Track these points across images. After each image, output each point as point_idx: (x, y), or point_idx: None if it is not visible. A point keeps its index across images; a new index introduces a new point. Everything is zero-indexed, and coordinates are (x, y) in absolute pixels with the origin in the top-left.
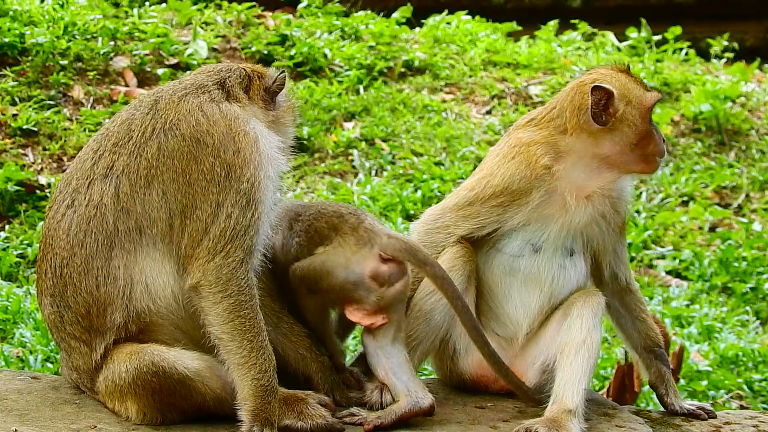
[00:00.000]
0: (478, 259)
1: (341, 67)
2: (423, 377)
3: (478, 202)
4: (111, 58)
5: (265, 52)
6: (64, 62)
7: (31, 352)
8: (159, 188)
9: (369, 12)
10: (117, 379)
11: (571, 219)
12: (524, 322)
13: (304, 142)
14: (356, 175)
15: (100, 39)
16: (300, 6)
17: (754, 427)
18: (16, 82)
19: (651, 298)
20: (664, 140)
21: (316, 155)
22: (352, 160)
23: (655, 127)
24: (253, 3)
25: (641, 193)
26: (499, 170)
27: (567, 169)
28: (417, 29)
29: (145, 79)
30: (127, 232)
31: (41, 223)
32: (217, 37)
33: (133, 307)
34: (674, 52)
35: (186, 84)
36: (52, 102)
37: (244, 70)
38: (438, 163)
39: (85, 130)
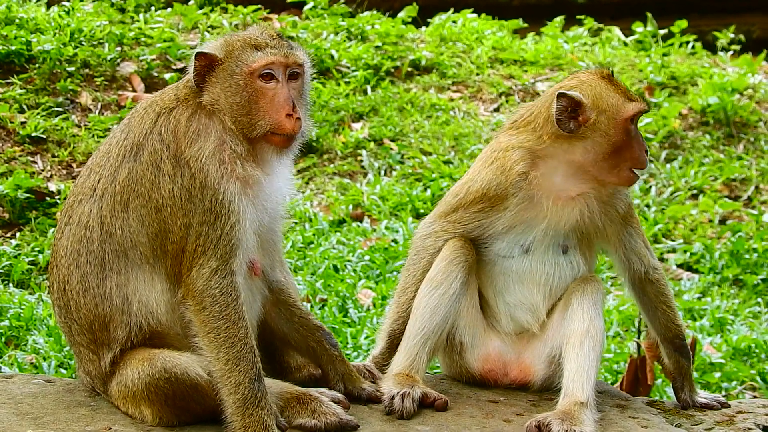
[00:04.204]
0: (476, 258)
1: (348, 67)
2: (435, 374)
3: (461, 208)
4: (118, 64)
5: None
6: (71, 69)
7: (44, 359)
8: (135, 213)
9: (375, 12)
10: (130, 384)
11: (556, 221)
12: (525, 318)
13: (313, 143)
14: (365, 175)
15: (106, 45)
16: (306, 8)
17: (767, 415)
18: (23, 90)
19: None
20: (647, 151)
21: (325, 156)
22: (361, 161)
23: (637, 138)
24: (259, 6)
25: (651, 187)
26: (479, 176)
27: (544, 176)
28: (423, 28)
29: (152, 84)
30: (114, 254)
31: (52, 230)
32: None
33: (134, 323)
34: (681, 45)
35: (148, 100)
36: (60, 109)
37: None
38: (447, 162)
39: (93, 136)
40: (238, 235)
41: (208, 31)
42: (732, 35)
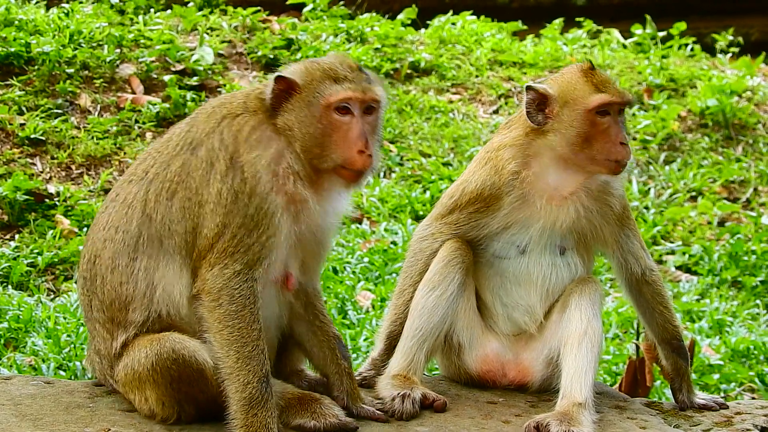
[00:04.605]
0: (474, 260)
1: None
2: (434, 376)
3: (457, 210)
4: (117, 66)
5: (271, 56)
6: (71, 71)
7: (43, 360)
8: (179, 204)
9: (374, 14)
10: (136, 365)
11: (552, 221)
12: (522, 319)
13: None
14: None
15: (106, 47)
16: (305, 9)
17: (765, 416)
18: (22, 92)
19: None
20: (623, 143)
21: None
22: None
23: (609, 130)
24: (259, 8)
25: (650, 189)
26: (473, 177)
27: (536, 174)
28: (422, 30)
29: (151, 86)
30: (149, 238)
31: (51, 231)
32: (222, 42)
33: (154, 310)
34: (680, 47)
35: (219, 99)
36: (59, 111)
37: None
38: (446, 164)
39: (92, 138)
40: (270, 248)
41: (208, 33)
42: (731, 37)
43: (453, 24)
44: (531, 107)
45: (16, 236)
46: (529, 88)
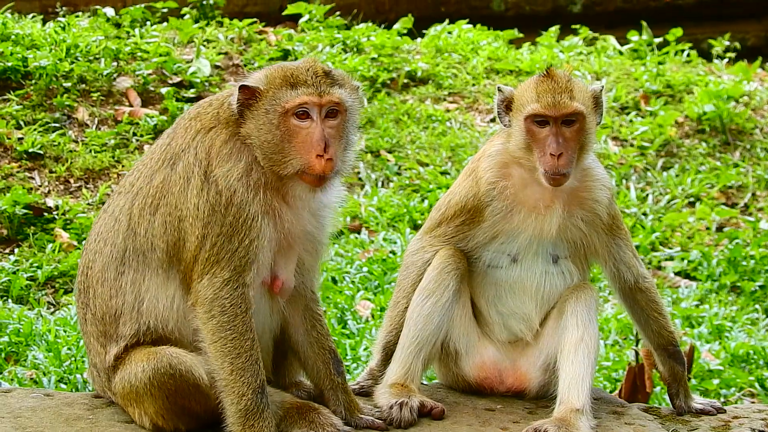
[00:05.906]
0: (468, 269)
1: None
2: (432, 383)
3: (444, 223)
4: (114, 79)
5: None
6: (68, 84)
7: (44, 374)
8: (161, 219)
9: (370, 24)
10: (133, 379)
11: (538, 230)
12: (518, 327)
13: None
14: (363, 186)
15: (102, 60)
16: (301, 20)
17: (762, 420)
18: (20, 106)
19: None
20: (554, 154)
21: None
22: (358, 172)
23: (547, 140)
24: (255, 19)
25: (647, 195)
26: (458, 188)
27: (516, 183)
28: (418, 40)
29: (149, 99)
30: (134, 251)
31: (50, 245)
32: (219, 54)
33: (143, 322)
34: (676, 53)
35: (196, 109)
36: (56, 124)
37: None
38: (444, 173)
39: (90, 151)
40: (255, 251)
41: (204, 45)
42: (727, 43)
43: (449, 33)
44: (500, 108)
45: (16, 250)
46: (499, 89)
